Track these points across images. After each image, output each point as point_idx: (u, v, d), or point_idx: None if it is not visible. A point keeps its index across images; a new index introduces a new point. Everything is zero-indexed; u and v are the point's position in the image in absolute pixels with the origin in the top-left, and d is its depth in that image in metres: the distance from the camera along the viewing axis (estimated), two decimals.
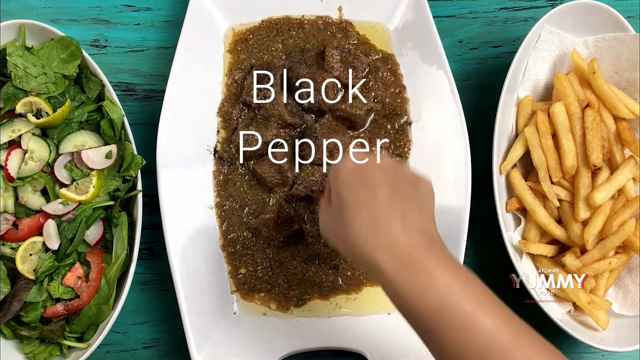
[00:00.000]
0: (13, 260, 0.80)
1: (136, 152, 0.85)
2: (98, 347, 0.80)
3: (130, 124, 0.86)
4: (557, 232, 0.85)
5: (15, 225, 0.81)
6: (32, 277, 0.80)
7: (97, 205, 0.83)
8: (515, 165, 0.89)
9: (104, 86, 0.87)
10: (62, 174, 0.83)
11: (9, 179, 0.80)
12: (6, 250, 0.80)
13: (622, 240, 0.82)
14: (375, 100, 0.94)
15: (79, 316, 0.81)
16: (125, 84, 0.97)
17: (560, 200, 0.86)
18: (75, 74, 0.87)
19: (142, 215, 0.84)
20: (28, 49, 0.86)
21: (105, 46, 0.98)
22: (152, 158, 0.85)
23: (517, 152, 0.87)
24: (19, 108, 0.83)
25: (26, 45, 0.86)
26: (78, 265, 0.82)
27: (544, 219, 0.84)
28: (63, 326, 0.81)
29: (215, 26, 0.95)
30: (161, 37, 0.99)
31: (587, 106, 0.86)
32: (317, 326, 0.87)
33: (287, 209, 0.89)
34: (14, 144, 0.82)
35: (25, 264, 0.80)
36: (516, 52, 0.89)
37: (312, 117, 0.93)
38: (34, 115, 0.83)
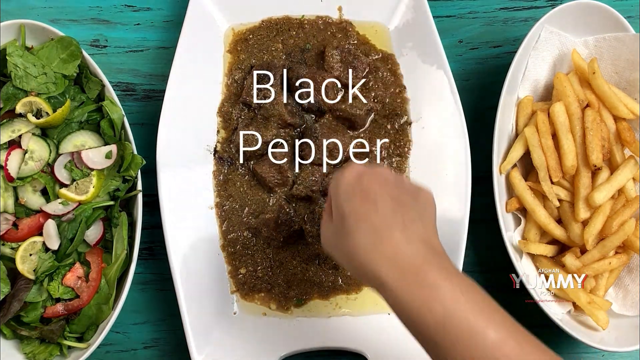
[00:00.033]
0: (13, 260, 0.80)
1: (136, 152, 0.85)
2: (98, 347, 0.80)
3: (130, 124, 0.86)
4: (557, 232, 0.85)
5: (15, 225, 0.81)
6: (32, 277, 0.80)
7: (97, 205, 0.83)
8: (515, 165, 0.89)
9: (104, 86, 0.87)
10: (62, 174, 0.83)
11: (9, 179, 0.80)
12: (6, 250, 0.80)
13: (622, 240, 0.82)
14: (375, 100, 0.94)
15: (79, 316, 0.81)
16: (125, 84, 0.97)
17: (560, 200, 0.85)
18: (75, 74, 0.87)
19: (142, 215, 0.84)
20: (28, 49, 0.86)
21: (105, 46, 0.98)
22: (152, 158, 0.85)
23: (517, 152, 0.87)
24: (19, 108, 0.83)
25: (26, 45, 0.86)
26: (78, 265, 0.82)
27: (544, 219, 0.84)
28: (63, 326, 0.81)
29: (215, 26, 0.95)
30: (161, 37, 0.99)
31: (587, 106, 0.86)
32: (317, 326, 0.87)
33: (287, 209, 0.89)
34: (14, 144, 0.82)
35: (25, 264, 0.80)
36: (516, 52, 0.89)
37: (312, 117, 0.93)
38: (34, 115, 0.83)
